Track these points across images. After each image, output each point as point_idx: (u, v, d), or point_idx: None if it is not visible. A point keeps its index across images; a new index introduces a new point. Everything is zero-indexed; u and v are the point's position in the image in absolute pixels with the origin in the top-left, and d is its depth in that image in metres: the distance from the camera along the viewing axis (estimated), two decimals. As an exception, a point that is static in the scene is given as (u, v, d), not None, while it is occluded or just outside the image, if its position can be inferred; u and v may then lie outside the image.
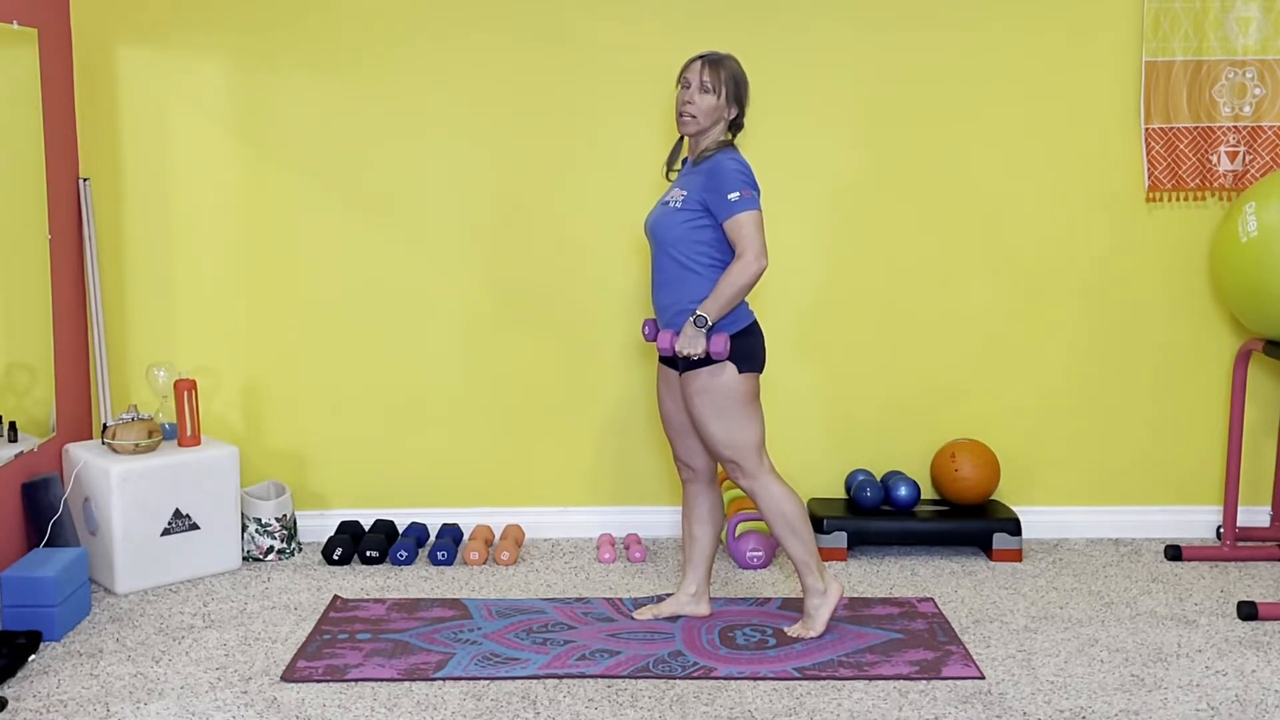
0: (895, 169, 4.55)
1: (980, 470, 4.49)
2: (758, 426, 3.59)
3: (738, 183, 3.41)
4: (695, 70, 3.52)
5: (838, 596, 3.72)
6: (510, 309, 4.62)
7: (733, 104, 3.53)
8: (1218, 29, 4.42)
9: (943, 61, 4.50)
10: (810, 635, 3.69)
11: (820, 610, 3.70)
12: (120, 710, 3.25)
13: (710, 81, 3.49)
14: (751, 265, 3.39)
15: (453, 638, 3.71)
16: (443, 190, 4.55)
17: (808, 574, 3.69)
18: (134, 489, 4.09)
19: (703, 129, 3.52)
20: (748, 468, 3.59)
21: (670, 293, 3.54)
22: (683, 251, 3.49)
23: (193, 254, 4.57)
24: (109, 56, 4.47)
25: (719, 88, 3.49)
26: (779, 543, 3.69)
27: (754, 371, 3.55)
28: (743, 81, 3.55)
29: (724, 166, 3.44)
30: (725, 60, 3.53)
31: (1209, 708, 3.24)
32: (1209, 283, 4.60)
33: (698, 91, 3.50)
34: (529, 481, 4.72)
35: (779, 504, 3.61)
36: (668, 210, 3.53)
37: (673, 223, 3.50)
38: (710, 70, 3.50)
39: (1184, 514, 4.72)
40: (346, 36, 4.48)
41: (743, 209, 3.40)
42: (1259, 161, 4.47)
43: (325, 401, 4.65)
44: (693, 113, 3.50)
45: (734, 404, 3.52)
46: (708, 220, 3.46)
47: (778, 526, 3.63)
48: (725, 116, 3.53)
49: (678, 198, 3.51)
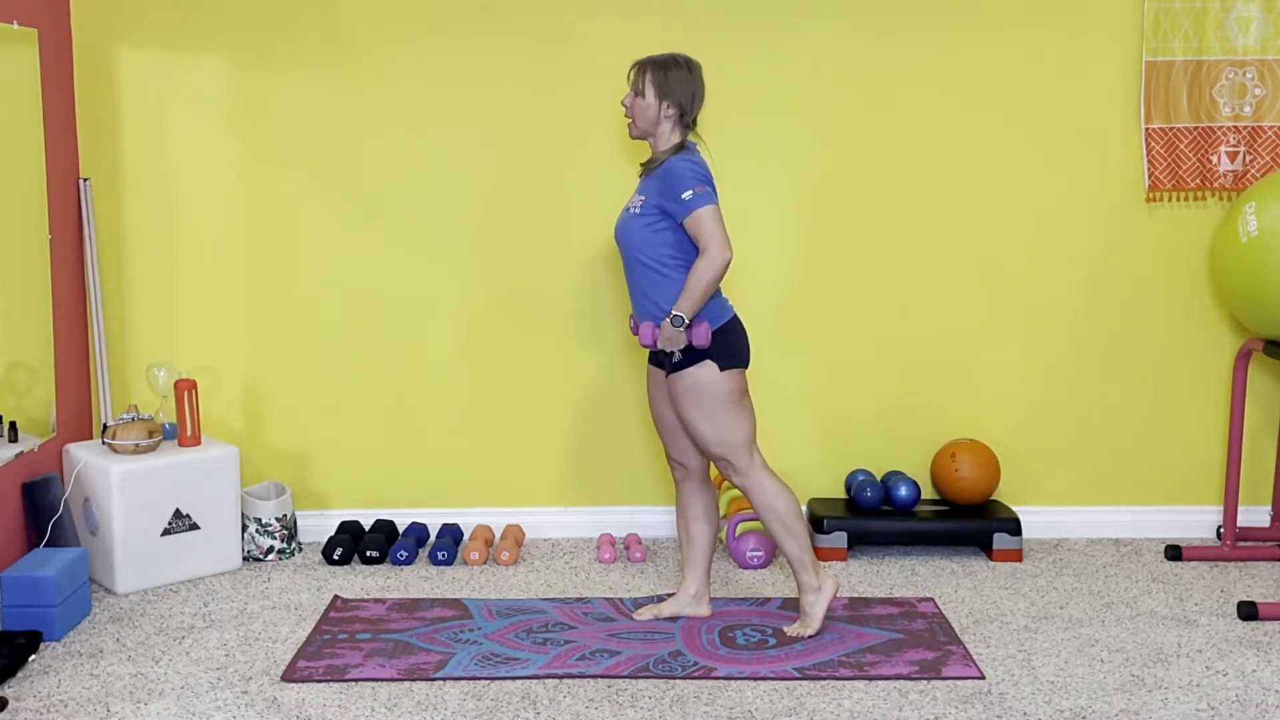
0: (896, 169, 4.55)
1: (980, 470, 4.49)
2: (747, 423, 3.60)
3: (690, 181, 3.44)
4: (630, 76, 3.60)
5: (832, 593, 3.72)
6: (511, 309, 4.62)
7: (668, 103, 3.54)
8: (1218, 29, 4.42)
9: (943, 60, 4.50)
10: (807, 633, 3.69)
11: (815, 607, 3.70)
12: (120, 710, 3.25)
13: (640, 84, 3.55)
14: (716, 258, 3.41)
15: (453, 638, 3.71)
16: (443, 190, 4.56)
17: (802, 571, 3.69)
18: (134, 489, 4.09)
19: (646, 132, 3.59)
20: (739, 465, 3.61)
21: (644, 297, 3.59)
22: (648, 255, 3.54)
23: (193, 254, 4.57)
24: (109, 56, 4.48)
25: (648, 89, 3.54)
26: (773, 539, 3.69)
27: (738, 367, 3.58)
28: (680, 80, 3.54)
29: (675, 168, 3.48)
30: (658, 61, 3.56)
31: (1209, 708, 3.24)
32: (1209, 283, 4.60)
33: (630, 96, 3.58)
34: (529, 481, 4.72)
35: (771, 501, 3.63)
36: (630, 216, 3.58)
37: (634, 228, 3.56)
38: (639, 73, 3.57)
39: (1184, 514, 4.72)
40: (347, 36, 4.48)
41: (698, 205, 3.43)
42: (1259, 161, 4.47)
43: (325, 401, 4.65)
44: (628, 117, 3.60)
45: (720, 402, 3.54)
46: (666, 223, 3.51)
47: (771, 523, 3.64)
48: (666, 116, 3.55)
49: (637, 203, 3.57)
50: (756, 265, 4.57)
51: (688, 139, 3.59)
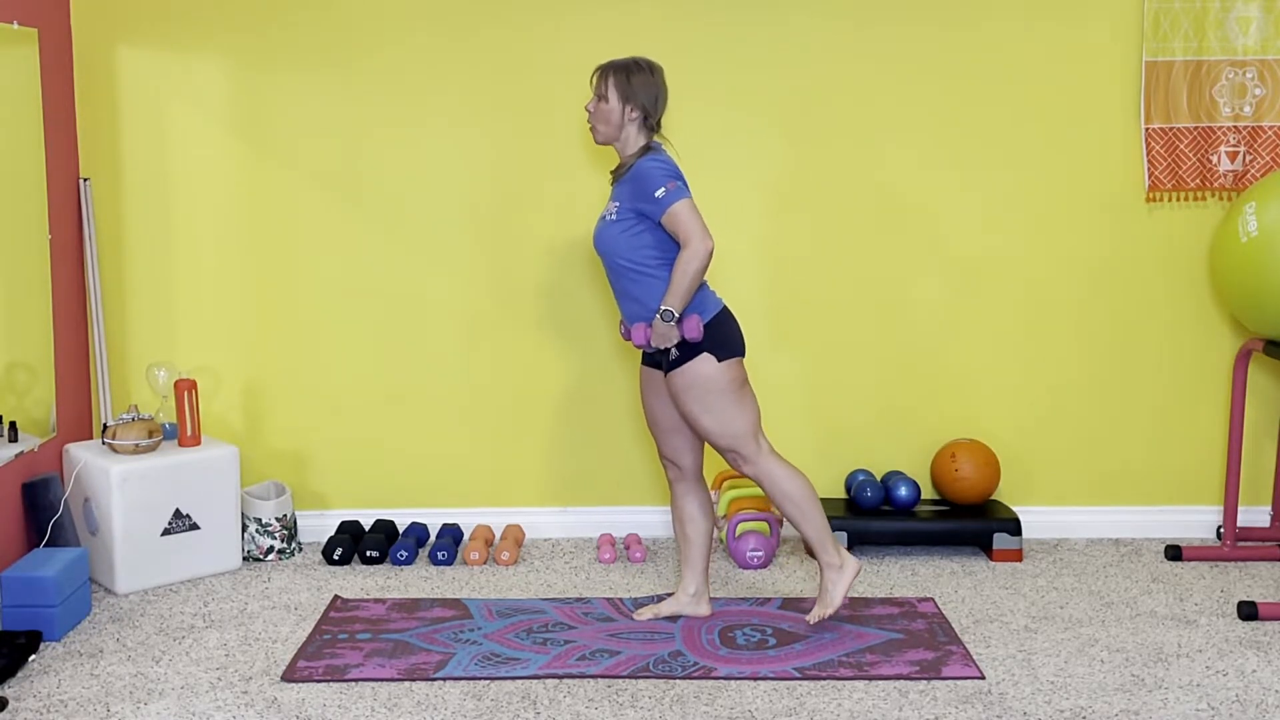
0: (896, 168, 4.55)
1: (980, 470, 4.49)
2: (751, 412, 3.62)
3: (661, 179, 3.47)
4: (593, 81, 3.61)
5: (855, 572, 3.72)
6: (511, 309, 4.62)
7: (631, 106, 3.55)
8: (1218, 29, 4.42)
9: (943, 60, 4.50)
10: (828, 613, 3.70)
11: (837, 585, 3.70)
12: (120, 710, 3.25)
13: (603, 89, 3.58)
14: (699, 249, 3.42)
15: (453, 638, 3.71)
16: (443, 190, 4.56)
17: (822, 551, 3.70)
18: (134, 489, 4.09)
19: (610, 136, 3.61)
20: (747, 453, 3.62)
21: (631, 300, 3.61)
22: (631, 259, 3.55)
23: (193, 254, 4.57)
24: (109, 56, 4.48)
25: (610, 93, 3.56)
26: (791, 525, 3.69)
27: (735, 357, 3.59)
28: (643, 83, 3.56)
29: (644, 170, 3.50)
30: (620, 65, 3.58)
31: (1209, 708, 3.24)
32: (1209, 283, 4.60)
33: (594, 101, 3.60)
34: (529, 481, 4.72)
35: (783, 485, 3.64)
36: (607, 224, 3.60)
37: (613, 235, 3.58)
38: (601, 78, 3.59)
39: (1184, 514, 4.72)
40: (346, 36, 4.48)
41: (673, 200, 3.44)
42: (1259, 161, 4.47)
43: (325, 401, 4.65)
44: (591, 122, 3.62)
45: (721, 394, 3.56)
46: (644, 225, 3.53)
47: (786, 508, 3.65)
48: (630, 119, 3.57)
49: (612, 210, 3.59)
50: (757, 265, 4.57)
51: (653, 140, 3.61)
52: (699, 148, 4.47)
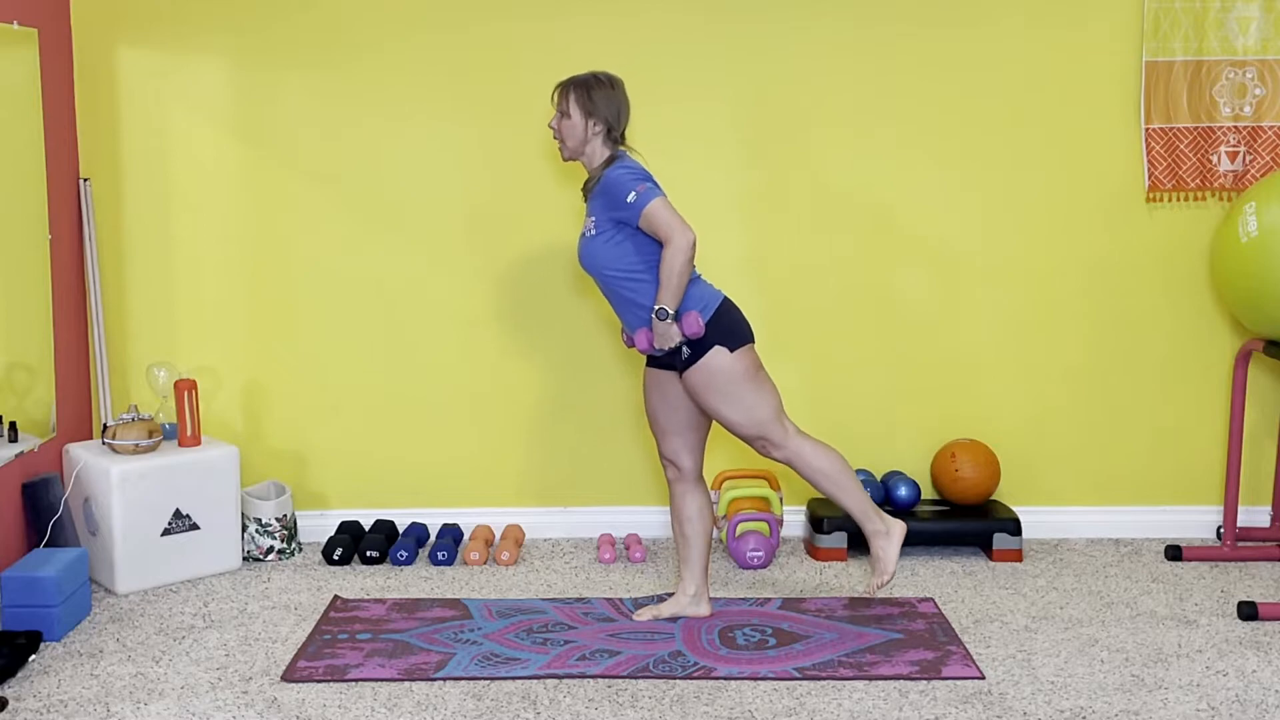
0: (896, 168, 4.55)
1: (980, 470, 4.49)
2: (771, 396, 3.64)
3: (630, 184, 3.49)
4: (554, 98, 3.64)
5: (901, 534, 3.73)
6: (512, 309, 4.62)
7: (594, 120, 3.58)
8: (1218, 29, 4.42)
9: (943, 60, 4.50)
10: (885, 579, 3.71)
11: (887, 551, 3.72)
12: (120, 710, 3.25)
13: (565, 105, 3.60)
14: (680, 243, 3.44)
15: (453, 638, 3.71)
16: (443, 190, 4.55)
17: (866, 520, 3.71)
18: (134, 489, 4.09)
19: (576, 151, 3.64)
20: (775, 438, 3.63)
21: (631, 307, 3.62)
22: (618, 269, 3.58)
23: (193, 254, 4.57)
24: (109, 56, 4.48)
25: (573, 109, 3.58)
26: (831, 499, 3.70)
27: (746, 344, 3.61)
28: (604, 97, 3.59)
29: (613, 179, 3.53)
30: (580, 81, 3.61)
31: (1209, 708, 3.24)
32: (1209, 283, 4.60)
33: (557, 118, 3.63)
34: (529, 481, 4.72)
35: (816, 462, 3.65)
36: (588, 241, 3.63)
37: (596, 250, 3.60)
38: (562, 94, 3.61)
39: (1184, 514, 4.72)
40: (346, 35, 4.48)
41: (645, 202, 3.47)
42: (1259, 161, 4.47)
43: (325, 401, 4.65)
44: (556, 139, 3.65)
45: (739, 383, 3.57)
46: (624, 233, 3.55)
47: (822, 485, 3.67)
48: (594, 133, 3.59)
49: (590, 226, 3.62)
50: (756, 265, 4.57)
51: (618, 150, 3.63)
52: (696, 150, 4.47)
